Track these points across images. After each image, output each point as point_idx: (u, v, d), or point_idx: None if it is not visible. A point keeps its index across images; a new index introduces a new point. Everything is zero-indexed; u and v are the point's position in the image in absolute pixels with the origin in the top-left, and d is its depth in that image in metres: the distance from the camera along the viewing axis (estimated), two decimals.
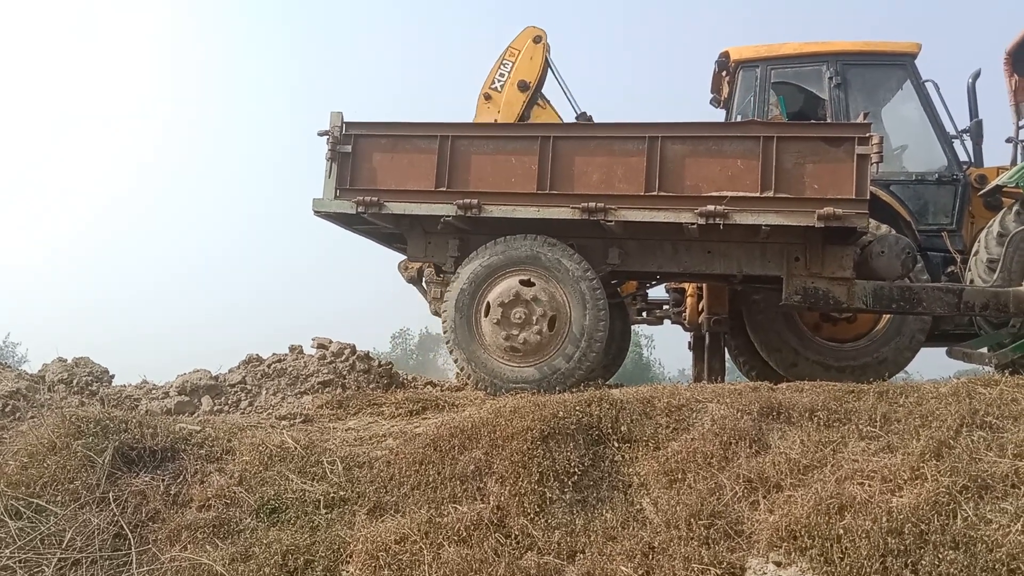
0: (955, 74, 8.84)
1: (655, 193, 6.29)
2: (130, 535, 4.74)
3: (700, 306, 8.80)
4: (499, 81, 9.29)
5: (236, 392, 6.85)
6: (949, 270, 8.00)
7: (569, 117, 9.62)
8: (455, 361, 6.81)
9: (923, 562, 3.72)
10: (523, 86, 9.25)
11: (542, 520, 4.48)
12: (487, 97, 9.26)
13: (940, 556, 3.72)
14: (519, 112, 9.25)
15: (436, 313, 7.84)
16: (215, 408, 6.68)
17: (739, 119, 8.76)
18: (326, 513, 4.77)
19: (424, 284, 8.67)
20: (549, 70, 9.48)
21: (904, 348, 7.74)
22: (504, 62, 9.32)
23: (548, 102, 9.63)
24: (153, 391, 6.91)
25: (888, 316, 7.87)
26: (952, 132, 8.39)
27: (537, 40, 9.37)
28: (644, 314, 9.37)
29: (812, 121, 8.35)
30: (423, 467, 5.00)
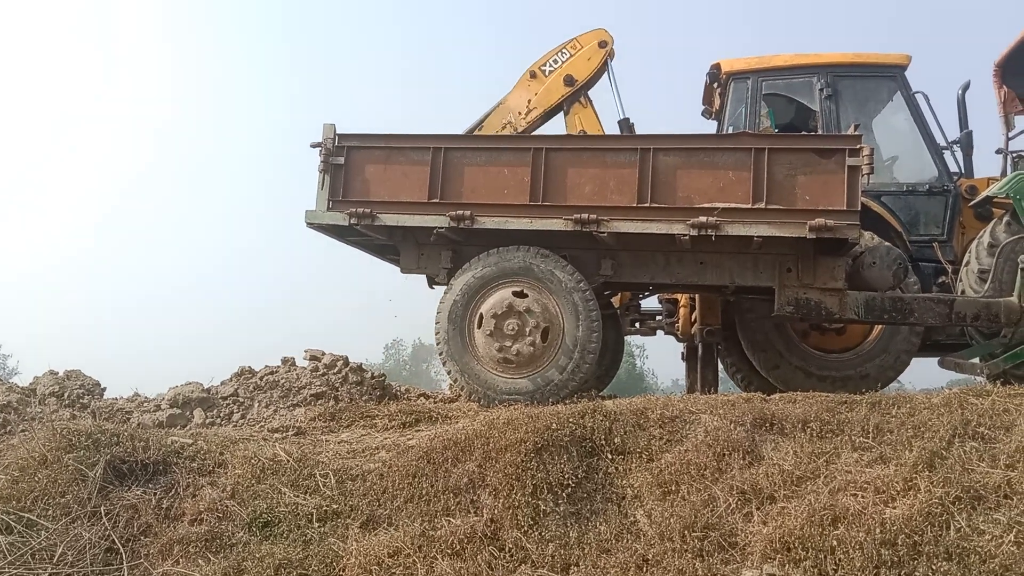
0: (945, 86, 8.91)
1: (647, 205, 6.30)
2: (122, 549, 4.71)
3: (693, 317, 8.81)
4: (550, 66, 9.27)
5: (228, 405, 6.82)
6: (940, 280, 8.03)
7: (613, 121, 9.62)
8: (448, 373, 6.81)
9: (916, 573, 3.73)
10: (569, 80, 9.23)
11: (536, 533, 4.47)
12: (532, 75, 9.24)
13: (933, 567, 3.72)
14: (554, 103, 9.23)
15: None
16: (207, 421, 6.65)
17: (730, 131, 8.79)
18: (319, 527, 4.75)
19: None
20: (606, 75, 9.48)
21: (888, 367, 7.73)
22: (563, 51, 9.32)
23: (591, 102, 9.61)
24: (145, 404, 6.87)
25: (877, 334, 7.91)
26: (942, 143, 8.45)
27: (602, 45, 9.36)
28: (637, 324, 9.38)
29: (803, 133, 8.39)
30: (416, 480, 4.98)
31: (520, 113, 9.10)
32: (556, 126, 9.58)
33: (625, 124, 9.45)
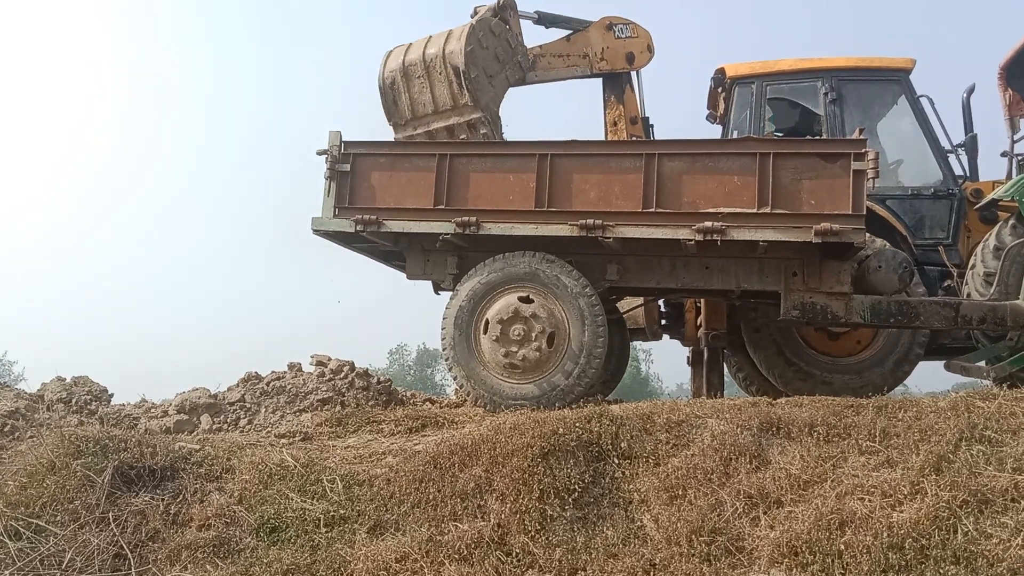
0: (950, 89, 8.92)
1: (653, 210, 6.32)
2: (130, 555, 4.73)
3: (698, 321, 8.81)
4: (619, 31, 9.21)
5: (235, 410, 6.84)
6: (946, 284, 8.02)
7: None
8: (454, 378, 6.82)
9: None
10: (630, 59, 9.22)
11: (543, 538, 4.48)
12: (608, 27, 9.18)
13: (941, 571, 3.73)
14: (615, 69, 9.23)
15: None
16: (214, 426, 6.67)
17: (735, 135, 8.80)
18: (326, 532, 4.76)
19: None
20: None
21: (853, 388, 7.39)
22: (625, 26, 9.25)
23: (634, 90, 9.65)
24: (152, 410, 6.89)
25: (861, 356, 7.89)
26: (947, 147, 8.44)
27: (650, 49, 9.39)
28: (664, 321, 9.34)
29: (808, 137, 8.39)
30: (423, 485, 4.99)
31: (597, 55, 9.10)
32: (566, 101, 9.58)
33: (644, 123, 9.47)
